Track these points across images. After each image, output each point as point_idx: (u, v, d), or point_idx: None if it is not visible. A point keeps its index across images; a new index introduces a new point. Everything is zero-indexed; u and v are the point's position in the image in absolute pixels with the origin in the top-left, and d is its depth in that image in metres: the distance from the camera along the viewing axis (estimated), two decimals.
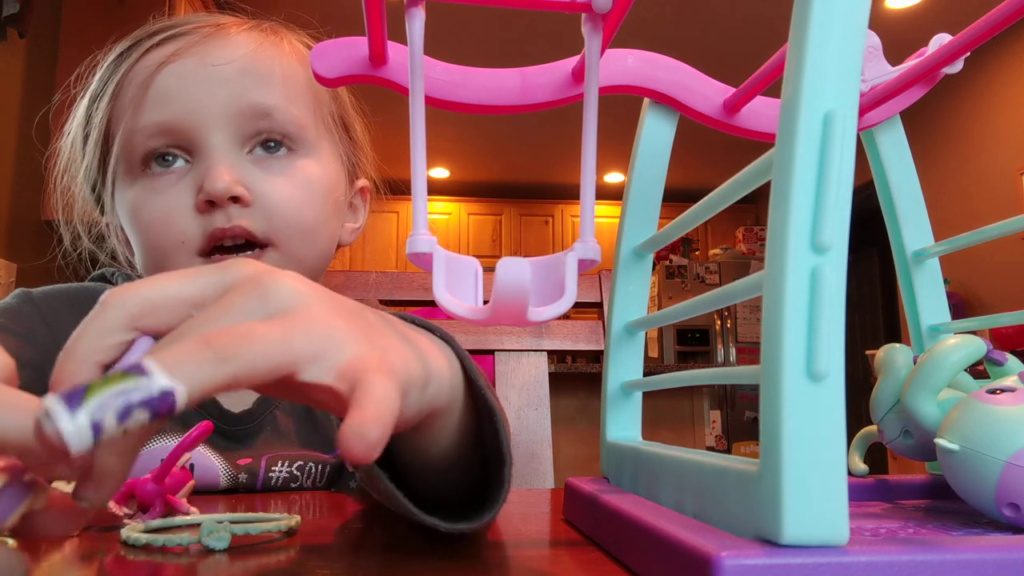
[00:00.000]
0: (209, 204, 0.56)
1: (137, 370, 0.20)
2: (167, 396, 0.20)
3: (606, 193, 5.44)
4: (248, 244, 0.58)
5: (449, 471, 0.38)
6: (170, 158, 0.58)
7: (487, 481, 0.38)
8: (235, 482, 0.61)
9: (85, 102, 0.63)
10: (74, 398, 0.19)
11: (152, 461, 0.55)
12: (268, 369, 0.22)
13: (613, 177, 5.36)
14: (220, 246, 0.57)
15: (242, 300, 0.24)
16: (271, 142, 0.60)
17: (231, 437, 0.63)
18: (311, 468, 0.64)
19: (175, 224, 0.57)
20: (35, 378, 0.61)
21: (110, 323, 0.24)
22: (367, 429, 0.21)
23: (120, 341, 0.24)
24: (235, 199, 0.56)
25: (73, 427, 0.19)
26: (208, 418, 0.62)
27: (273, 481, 0.62)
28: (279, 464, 0.63)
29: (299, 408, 0.67)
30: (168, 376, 0.20)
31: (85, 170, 0.64)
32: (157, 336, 0.24)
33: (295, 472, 0.63)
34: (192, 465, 0.60)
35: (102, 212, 0.65)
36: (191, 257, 0.57)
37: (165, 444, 0.61)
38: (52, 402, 0.19)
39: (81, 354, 0.23)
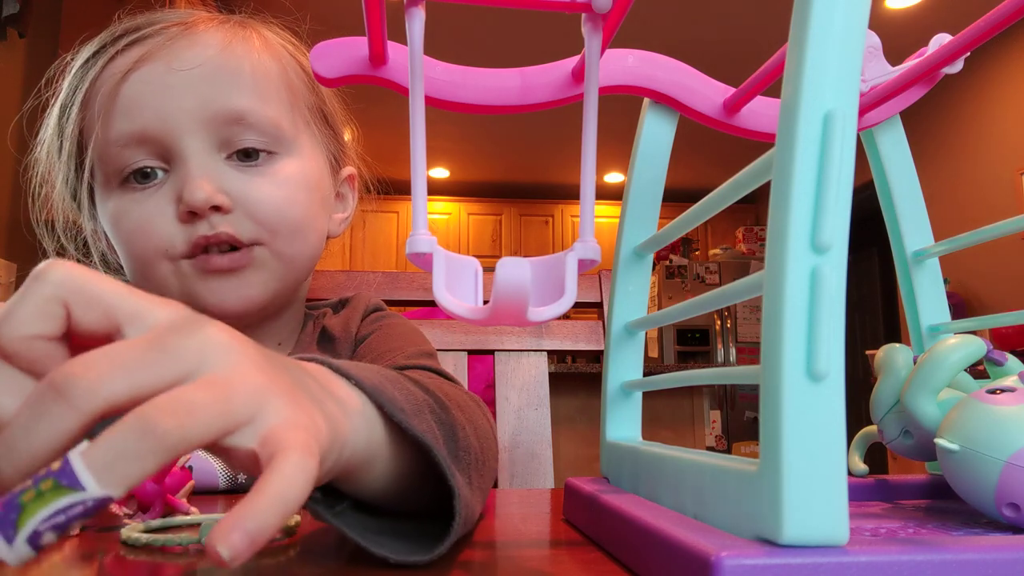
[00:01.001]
0: (191, 214, 0.55)
1: (72, 484, 0.19)
2: (104, 500, 0.20)
3: (606, 193, 5.44)
4: (234, 247, 0.57)
5: (402, 502, 0.36)
6: (149, 171, 0.57)
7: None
8: (234, 483, 0.61)
9: (56, 112, 0.62)
10: (8, 524, 0.19)
11: None
12: (204, 441, 0.22)
13: (613, 177, 5.36)
14: (207, 249, 0.57)
15: (172, 348, 0.23)
16: (250, 150, 0.59)
17: None
18: None
19: (157, 233, 0.56)
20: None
21: (48, 295, 0.23)
22: (248, 521, 0.20)
23: (54, 314, 0.23)
24: (216, 207, 0.55)
25: (13, 555, 0.19)
26: None
27: None
28: None
29: None
30: (104, 483, 0.20)
31: (63, 180, 0.63)
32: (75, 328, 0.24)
33: None
34: (191, 467, 0.60)
35: (86, 219, 0.64)
36: (176, 264, 0.57)
37: None
38: None
39: (16, 326, 0.23)
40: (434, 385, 0.40)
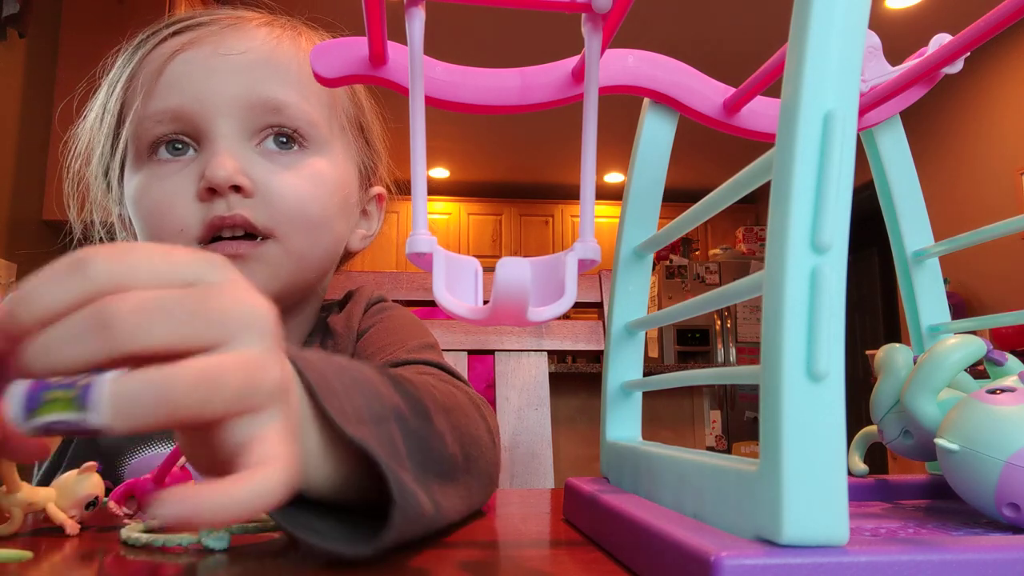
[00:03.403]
0: (210, 192, 0.55)
1: (85, 406, 0.22)
2: (94, 432, 0.22)
3: (606, 193, 5.44)
4: (248, 235, 0.57)
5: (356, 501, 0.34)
6: (180, 146, 0.58)
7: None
8: None
9: (104, 89, 0.63)
10: (28, 409, 0.22)
11: (153, 461, 0.56)
12: (217, 416, 0.22)
13: (613, 177, 5.36)
14: (219, 236, 0.57)
15: (219, 312, 0.23)
16: (283, 137, 0.59)
17: None
18: None
19: (175, 210, 0.56)
20: None
21: (76, 288, 0.23)
22: (206, 504, 0.21)
23: (79, 299, 0.23)
24: (237, 188, 0.55)
25: (26, 427, 0.22)
26: None
27: None
28: None
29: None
30: (114, 419, 0.22)
31: (99, 156, 0.64)
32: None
33: None
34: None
35: (113, 203, 0.65)
36: (190, 244, 0.57)
37: (162, 452, 0.61)
38: (16, 402, 0.22)
39: (36, 307, 0.23)
40: (422, 386, 0.39)
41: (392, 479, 0.30)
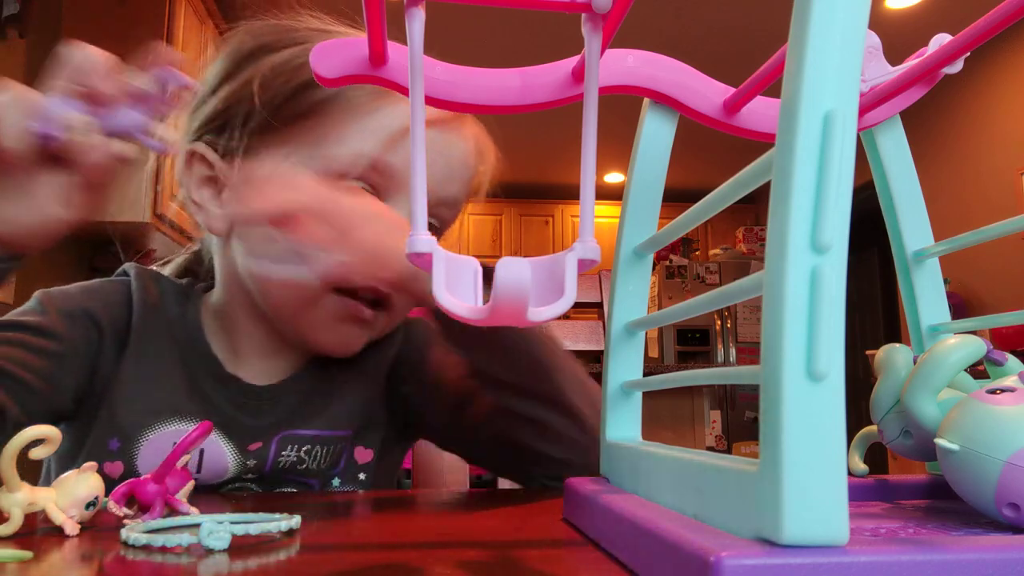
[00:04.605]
0: None
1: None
2: (162, 149, 0.26)
3: (606, 193, 5.43)
4: (375, 301, 0.62)
5: None
6: (360, 184, 0.60)
7: None
8: (243, 467, 0.62)
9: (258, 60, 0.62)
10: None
11: (174, 438, 0.57)
12: None
13: (613, 177, 5.36)
14: (354, 291, 0.60)
15: None
16: (431, 227, 0.61)
17: (247, 411, 0.64)
18: (317, 451, 0.65)
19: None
20: (58, 367, 0.61)
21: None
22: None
23: None
24: None
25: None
26: (226, 397, 0.64)
27: (281, 465, 0.64)
28: (288, 448, 0.64)
29: (317, 384, 0.68)
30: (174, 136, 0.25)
31: (208, 115, 0.63)
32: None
33: (303, 455, 0.64)
34: (202, 451, 0.61)
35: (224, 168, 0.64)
36: (324, 289, 0.60)
37: (181, 429, 0.62)
38: None
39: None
40: None
41: None
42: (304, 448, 0.64)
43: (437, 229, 0.65)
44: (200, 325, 0.67)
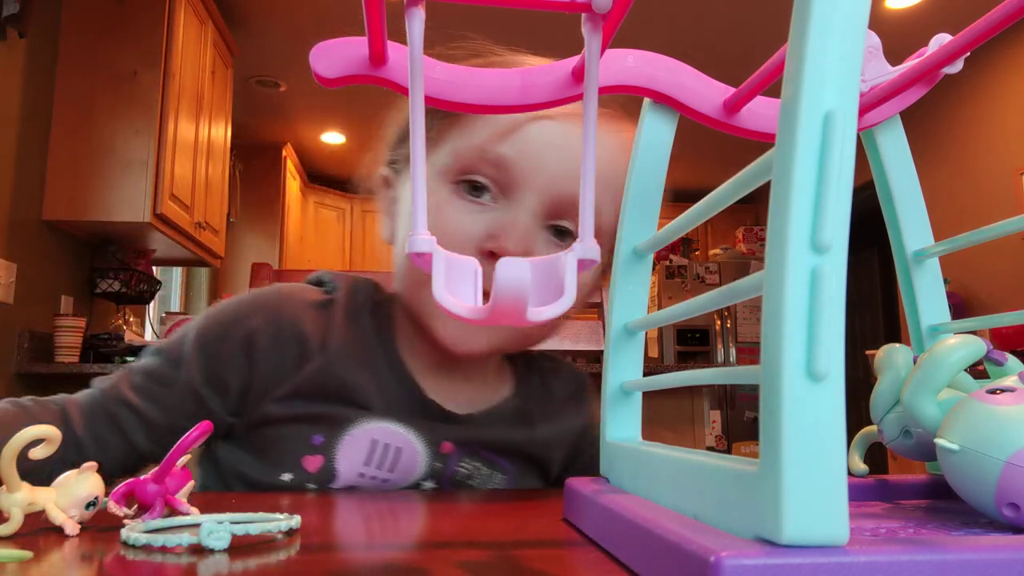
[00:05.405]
0: (493, 255, 0.56)
1: None
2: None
3: None
4: None
5: None
6: (480, 190, 0.59)
7: None
8: (432, 469, 0.64)
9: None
10: None
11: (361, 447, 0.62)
12: None
13: None
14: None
15: None
16: (562, 231, 0.60)
17: (445, 419, 0.65)
18: (490, 474, 0.66)
19: (455, 246, 0.58)
20: (240, 398, 0.62)
21: None
22: None
23: None
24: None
25: None
26: (421, 414, 0.64)
27: (457, 476, 0.65)
28: (467, 461, 0.65)
29: (516, 415, 0.69)
30: None
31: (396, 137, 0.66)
32: None
33: (475, 471, 0.65)
34: (400, 449, 0.62)
35: (398, 185, 0.67)
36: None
37: (379, 426, 0.62)
38: None
39: None
40: None
41: None
42: (483, 469, 0.66)
43: (570, 233, 0.60)
44: (395, 339, 0.67)
